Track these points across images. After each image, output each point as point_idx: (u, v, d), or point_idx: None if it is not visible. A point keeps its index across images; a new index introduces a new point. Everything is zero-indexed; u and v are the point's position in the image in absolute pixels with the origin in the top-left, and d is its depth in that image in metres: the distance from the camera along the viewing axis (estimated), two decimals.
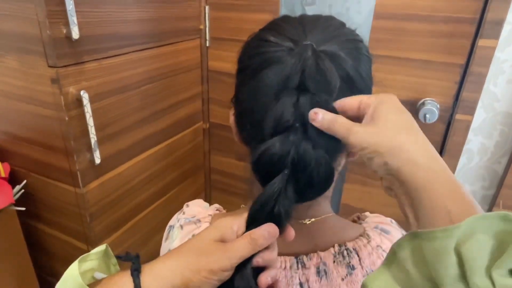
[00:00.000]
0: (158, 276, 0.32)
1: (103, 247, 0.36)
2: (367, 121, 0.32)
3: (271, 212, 0.34)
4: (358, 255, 0.44)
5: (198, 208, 0.53)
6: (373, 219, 0.50)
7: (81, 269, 0.32)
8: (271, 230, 0.34)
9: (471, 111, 0.93)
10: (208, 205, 0.55)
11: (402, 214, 0.32)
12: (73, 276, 0.31)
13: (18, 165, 0.92)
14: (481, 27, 0.85)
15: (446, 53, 0.91)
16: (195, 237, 0.35)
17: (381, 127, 0.31)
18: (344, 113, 0.34)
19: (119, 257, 0.35)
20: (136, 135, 0.97)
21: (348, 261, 0.43)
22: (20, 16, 0.70)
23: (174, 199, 1.21)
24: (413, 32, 0.92)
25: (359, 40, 0.40)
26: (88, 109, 0.76)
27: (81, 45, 0.75)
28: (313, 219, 0.45)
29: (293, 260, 0.43)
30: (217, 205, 0.55)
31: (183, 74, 1.11)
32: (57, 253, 1.01)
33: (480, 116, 0.99)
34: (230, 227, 0.35)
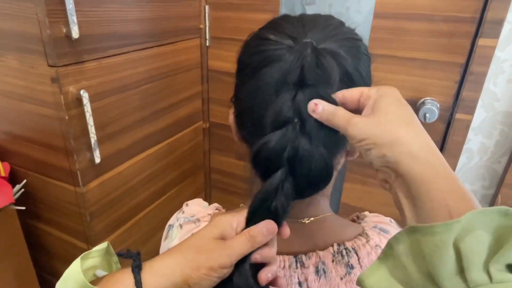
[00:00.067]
0: (159, 273, 0.32)
1: (105, 244, 0.36)
2: (367, 113, 0.32)
3: (269, 209, 0.34)
4: (357, 254, 0.44)
5: (197, 207, 0.53)
6: (372, 218, 0.50)
7: (83, 267, 0.33)
8: (269, 227, 0.34)
9: (471, 111, 0.93)
10: (208, 204, 0.55)
11: (396, 207, 0.31)
12: (75, 273, 0.31)
13: (18, 164, 0.92)
14: (481, 26, 0.85)
15: (446, 52, 0.91)
16: (194, 235, 0.35)
17: (381, 118, 0.30)
18: (344, 105, 0.34)
19: (120, 255, 0.36)
20: (136, 134, 0.97)
21: (347, 261, 0.43)
22: (20, 15, 0.70)
23: (174, 198, 1.21)
24: (413, 31, 0.92)
25: (358, 39, 0.40)
26: (88, 108, 0.76)
27: (81, 44, 0.75)
28: (312, 218, 0.45)
29: (292, 259, 0.43)
30: (216, 205, 0.55)
31: (183, 73, 1.11)
32: (57, 253, 1.01)
33: (480, 115, 0.99)
34: (230, 224, 0.35)
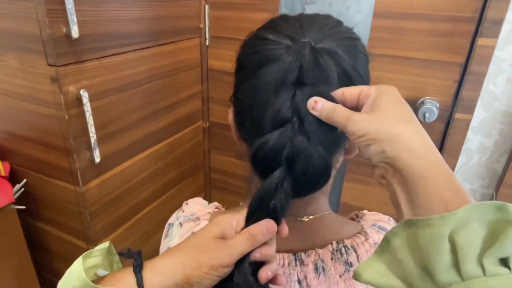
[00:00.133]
0: (160, 272, 0.33)
1: (107, 244, 0.36)
2: (367, 110, 0.32)
3: (268, 207, 0.34)
4: (356, 252, 0.44)
5: (197, 206, 0.53)
6: (371, 217, 0.51)
7: (85, 266, 0.33)
8: (269, 226, 0.34)
9: (471, 110, 0.93)
10: (207, 203, 0.56)
11: (392, 203, 0.32)
12: (77, 272, 0.31)
13: (18, 163, 0.92)
14: (480, 26, 0.85)
15: (446, 52, 0.91)
16: (195, 235, 0.36)
17: (381, 116, 0.31)
18: (343, 102, 0.34)
19: (121, 254, 0.36)
20: (136, 134, 0.97)
21: (346, 258, 0.43)
22: (20, 15, 0.70)
23: (174, 197, 1.21)
24: (412, 31, 0.92)
25: (356, 38, 0.40)
26: (88, 108, 0.77)
27: (81, 44, 0.75)
28: (311, 217, 0.45)
29: (291, 257, 0.44)
30: (216, 203, 0.55)
31: (183, 73, 1.12)
32: (57, 252, 1.02)
33: (479, 115, 1.00)
34: (229, 223, 0.35)
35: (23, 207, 0.91)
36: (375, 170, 0.33)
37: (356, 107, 0.34)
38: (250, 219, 0.35)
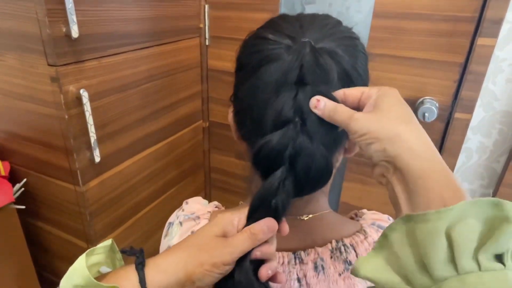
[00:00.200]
0: (162, 270, 0.33)
1: (109, 241, 0.36)
2: (369, 110, 0.33)
3: (269, 206, 0.34)
4: (355, 250, 0.44)
5: (197, 205, 0.54)
6: (370, 216, 0.51)
7: (88, 263, 0.33)
8: (270, 225, 0.35)
9: (470, 110, 0.93)
10: (207, 202, 0.56)
11: (391, 202, 0.32)
12: (81, 269, 0.31)
13: (18, 163, 0.92)
14: (480, 25, 0.85)
15: (445, 51, 0.91)
16: (196, 233, 0.36)
17: (383, 116, 0.32)
18: (344, 102, 0.35)
19: (123, 252, 0.36)
20: (136, 133, 0.97)
21: (345, 257, 0.43)
22: (19, 14, 0.70)
23: (174, 197, 1.21)
24: (412, 31, 0.92)
25: (355, 37, 0.40)
26: (87, 107, 0.77)
27: (81, 43, 0.75)
28: (310, 215, 0.45)
29: (291, 255, 0.44)
30: (216, 203, 0.55)
31: (183, 72, 1.12)
32: (57, 251, 1.02)
33: (479, 114, 1.00)
34: (231, 222, 0.35)
35: (23, 206, 0.91)
36: (376, 168, 0.33)
37: (357, 108, 0.34)
38: (251, 218, 0.35)
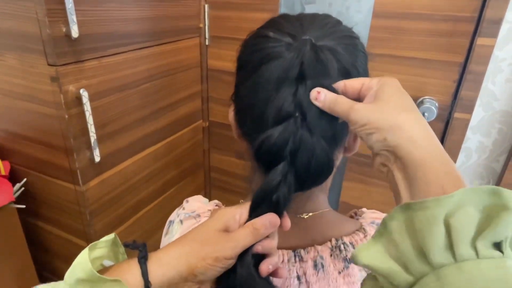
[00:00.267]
0: (164, 263, 0.33)
1: (112, 235, 0.36)
2: (369, 100, 0.33)
3: (271, 201, 0.35)
4: (354, 249, 0.44)
5: (197, 203, 0.54)
6: (369, 214, 0.51)
7: (91, 256, 0.33)
8: (272, 220, 0.35)
9: (470, 110, 0.93)
10: (208, 200, 0.56)
11: (392, 190, 0.32)
12: (84, 262, 0.31)
13: (18, 163, 0.92)
14: (479, 25, 0.85)
15: (445, 51, 0.91)
16: (199, 227, 0.36)
17: (383, 106, 0.32)
18: (345, 94, 0.35)
19: (126, 245, 0.36)
20: (136, 133, 0.97)
21: (345, 255, 0.44)
22: (19, 14, 0.70)
23: (174, 197, 1.21)
24: (412, 30, 0.93)
25: (355, 37, 0.40)
26: (87, 107, 0.77)
27: (81, 43, 0.75)
28: (310, 214, 0.45)
29: (290, 253, 0.44)
30: (216, 201, 0.55)
31: (183, 72, 1.12)
32: (57, 251, 1.02)
33: (478, 114, 1.00)
34: (233, 216, 0.36)
35: (23, 206, 0.91)
36: (376, 158, 0.33)
37: (358, 99, 0.34)
38: (253, 213, 0.36)
